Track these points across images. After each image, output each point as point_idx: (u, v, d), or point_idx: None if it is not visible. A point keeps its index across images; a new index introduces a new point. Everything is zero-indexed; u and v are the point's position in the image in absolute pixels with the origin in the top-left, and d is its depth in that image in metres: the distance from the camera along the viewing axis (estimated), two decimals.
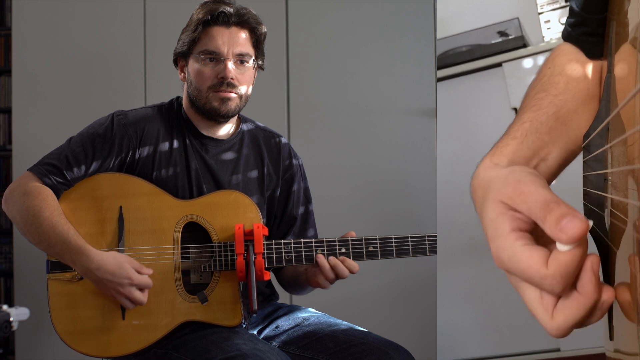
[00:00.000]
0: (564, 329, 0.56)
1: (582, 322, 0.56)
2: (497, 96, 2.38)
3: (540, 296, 0.56)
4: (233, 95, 1.46)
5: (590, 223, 0.52)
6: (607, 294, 0.55)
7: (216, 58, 1.46)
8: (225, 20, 1.46)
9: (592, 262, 0.54)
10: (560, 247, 0.53)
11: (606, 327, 0.63)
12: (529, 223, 0.57)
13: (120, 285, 1.34)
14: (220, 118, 1.49)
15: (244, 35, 1.48)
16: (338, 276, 1.39)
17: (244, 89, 1.49)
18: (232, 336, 1.35)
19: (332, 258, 1.39)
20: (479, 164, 0.69)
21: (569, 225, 0.52)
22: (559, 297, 0.56)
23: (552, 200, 0.54)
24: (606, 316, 0.62)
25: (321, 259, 1.38)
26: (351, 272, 1.40)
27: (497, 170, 0.65)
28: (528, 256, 0.55)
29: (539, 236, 0.57)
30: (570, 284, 0.54)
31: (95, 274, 1.34)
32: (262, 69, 1.57)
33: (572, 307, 0.54)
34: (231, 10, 1.46)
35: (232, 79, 1.45)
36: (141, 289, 1.37)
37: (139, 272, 1.36)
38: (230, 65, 1.45)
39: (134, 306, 1.37)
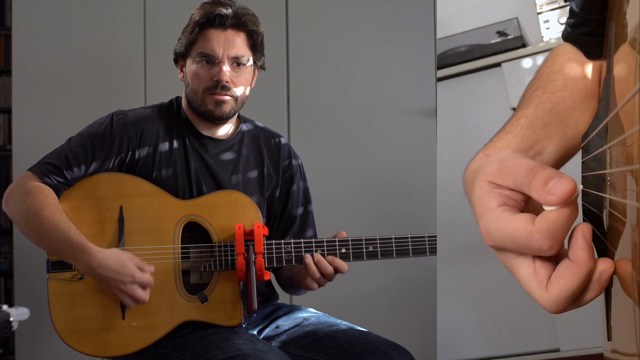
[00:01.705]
0: (560, 301, 0.54)
1: (578, 294, 0.54)
2: (496, 96, 2.38)
3: (534, 270, 0.55)
4: (227, 97, 1.47)
5: (580, 187, 0.52)
6: (605, 264, 0.54)
7: (212, 60, 1.46)
8: (222, 23, 1.46)
9: (584, 229, 0.54)
10: (548, 209, 0.52)
11: (604, 327, 0.63)
12: (517, 200, 0.57)
13: (122, 283, 1.34)
14: (216, 120, 1.50)
15: (240, 37, 1.48)
16: (323, 274, 1.39)
17: (239, 91, 1.49)
18: (232, 336, 1.35)
19: (316, 255, 1.39)
20: (472, 158, 0.69)
21: (556, 185, 0.51)
22: (552, 268, 0.55)
23: (536, 165, 0.54)
24: (604, 316, 0.62)
25: (308, 258, 1.38)
26: (339, 271, 1.39)
27: (486, 159, 0.65)
28: (514, 220, 0.54)
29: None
30: (559, 243, 0.53)
31: (98, 271, 1.34)
32: (264, 69, 1.57)
33: (566, 277, 0.53)
34: (228, 12, 1.46)
35: (226, 82, 1.45)
36: (143, 286, 1.37)
37: (141, 270, 1.36)
38: (225, 68, 1.45)
39: (135, 304, 1.37)
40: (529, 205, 0.56)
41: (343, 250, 1.41)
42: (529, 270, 0.56)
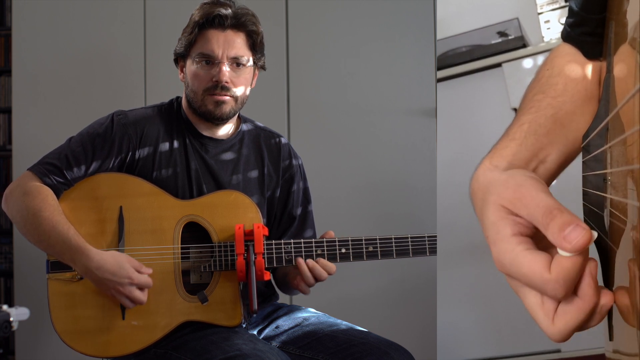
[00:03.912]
0: (565, 334, 0.56)
1: (582, 326, 0.56)
2: (497, 96, 2.38)
3: (541, 301, 0.57)
4: (227, 98, 1.47)
5: (595, 234, 0.52)
6: (606, 298, 0.56)
7: (211, 61, 1.46)
8: (221, 23, 1.46)
9: (591, 267, 0.55)
10: (562, 252, 0.53)
11: (606, 327, 0.63)
12: (530, 228, 0.57)
13: (120, 285, 1.35)
14: (216, 120, 1.50)
15: (239, 38, 1.48)
16: (317, 279, 1.40)
17: (239, 91, 1.49)
18: (232, 336, 1.35)
19: (309, 260, 1.39)
20: (477, 166, 0.69)
21: (572, 234, 0.52)
22: (559, 302, 0.56)
23: (555, 207, 0.54)
24: (606, 317, 0.62)
25: (300, 262, 1.39)
26: (328, 273, 1.40)
27: (497, 173, 0.65)
28: (530, 260, 0.55)
29: (538, 239, 0.57)
30: (572, 289, 0.54)
31: (96, 273, 1.34)
32: (264, 69, 1.57)
33: (573, 312, 0.55)
34: (227, 12, 1.46)
35: (226, 82, 1.45)
36: (141, 288, 1.37)
37: (138, 272, 1.36)
38: (225, 68, 1.45)
39: (134, 305, 1.37)
40: (540, 232, 0.56)
41: (343, 250, 1.41)
42: (536, 300, 0.57)
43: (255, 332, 1.52)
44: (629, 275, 0.50)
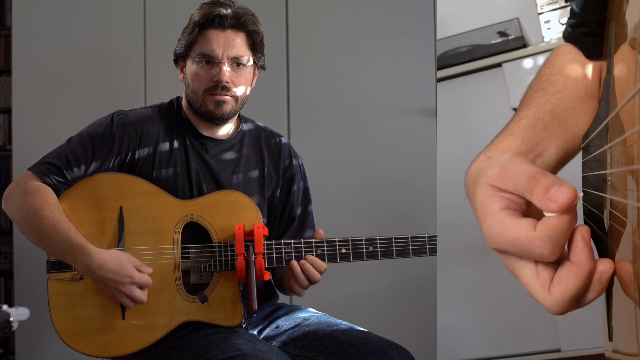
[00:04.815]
0: (562, 303, 0.55)
1: (580, 295, 0.55)
2: (497, 96, 2.38)
3: (537, 273, 0.56)
4: (228, 98, 1.47)
5: (580, 194, 0.53)
6: (605, 265, 0.55)
7: (212, 61, 1.46)
8: (221, 23, 1.46)
9: (582, 232, 0.55)
10: (548, 214, 0.53)
11: (606, 327, 0.63)
12: (519, 203, 0.57)
13: (121, 284, 1.35)
14: (216, 120, 1.50)
15: (239, 37, 1.48)
16: (310, 280, 1.39)
17: (240, 91, 1.49)
18: (232, 336, 1.35)
19: (302, 262, 1.39)
20: (473, 160, 0.69)
21: (557, 193, 0.52)
22: (554, 271, 0.56)
23: (538, 172, 0.55)
24: (605, 317, 0.62)
25: (293, 264, 1.39)
26: (318, 270, 1.40)
27: (488, 162, 0.65)
28: (516, 225, 0.55)
29: (528, 216, 0.57)
30: (561, 249, 0.54)
31: (96, 272, 1.34)
32: (264, 69, 1.57)
33: (568, 279, 0.54)
34: (227, 12, 1.46)
35: (226, 82, 1.45)
36: (141, 287, 1.37)
37: (139, 271, 1.37)
38: (225, 68, 1.45)
39: (134, 305, 1.38)
40: (531, 208, 0.57)
41: (343, 250, 1.41)
42: (531, 273, 0.57)
43: (255, 332, 1.52)
44: (631, 247, 0.50)
